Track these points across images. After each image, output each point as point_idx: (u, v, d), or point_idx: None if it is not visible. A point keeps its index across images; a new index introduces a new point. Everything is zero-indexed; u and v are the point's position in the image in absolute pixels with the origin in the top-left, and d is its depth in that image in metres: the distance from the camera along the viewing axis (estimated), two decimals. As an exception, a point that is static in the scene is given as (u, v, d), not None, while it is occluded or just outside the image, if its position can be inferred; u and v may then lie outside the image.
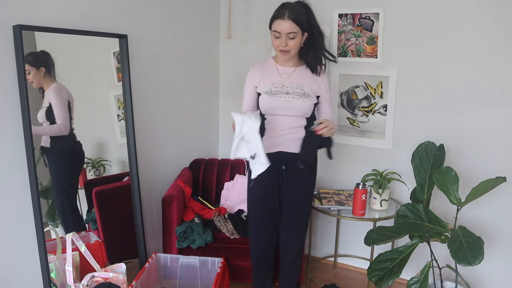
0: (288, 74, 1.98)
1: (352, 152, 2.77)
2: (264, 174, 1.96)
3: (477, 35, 2.29)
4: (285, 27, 1.83)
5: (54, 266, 1.96)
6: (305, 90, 1.96)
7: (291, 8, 1.84)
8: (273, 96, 1.95)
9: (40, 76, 1.93)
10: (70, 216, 2.15)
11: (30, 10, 1.81)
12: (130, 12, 2.33)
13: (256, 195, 2.08)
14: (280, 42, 1.86)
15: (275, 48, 1.92)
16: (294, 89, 1.95)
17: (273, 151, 1.97)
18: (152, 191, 2.63)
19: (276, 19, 1.86)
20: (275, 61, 2.02)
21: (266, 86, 1.97)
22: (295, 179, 2.03)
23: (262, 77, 2.00)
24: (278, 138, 1.97)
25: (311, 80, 1.99)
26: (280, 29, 1.84)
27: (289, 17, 1.82)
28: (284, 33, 1.84)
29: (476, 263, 1.72)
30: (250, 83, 2.04)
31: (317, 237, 2.98)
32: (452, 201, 1.99)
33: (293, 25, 1.83)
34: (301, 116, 1.97)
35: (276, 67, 2.01)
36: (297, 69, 2.00)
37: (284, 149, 1.98)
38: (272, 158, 1.94)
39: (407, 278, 2.25)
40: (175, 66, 2.73)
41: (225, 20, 3.07)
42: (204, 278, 2.28)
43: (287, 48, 1.87)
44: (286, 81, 1.97)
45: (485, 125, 2.35)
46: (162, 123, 2.68)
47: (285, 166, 2.00)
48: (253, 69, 2.04)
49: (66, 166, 2.12)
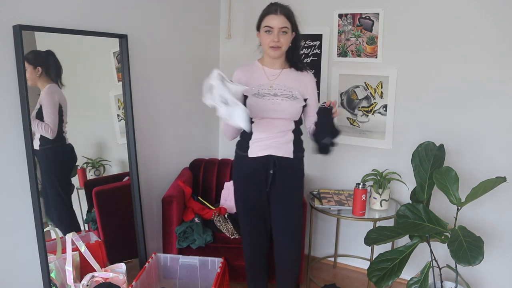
0: (275, 76, 1.95)
1: (352, 152, 2.77)
2: (250, 179, 1.95)
3: (477, 35, 2.29)
4: (278, 22, 1.82)
5: (54, 266, 1.96)
6: (293, 92, 1.93)
7: (281, 6, 1.86)
8: (261, 98, 1.91)
9: (35, 76, 1.92)
10: (66, 218, 2.14)
11: (30, 10, 1.81)
12: (130, 12, 2.33)
13: (243, 203, 2.04)
14: (272, 38, 1.84)
15: (266, 45, 1.88)
16: (282, 91, 1.92)
17: (261, 155, 1.93)
18: (152, 191, 2.63)
19: (268, 15, 1.85)
20: (261, 64, 1.99)
21: (254, 89, 1.93)
22: (283, 184, 1.97)
23: (249, 80, 1.96)
24: (266, 142, 1.93)
25: (298, 82, 1.96)
26: (273, 24, 1.83)
27: (281, 12, 1.83)
28: (277, 27, 1.83)
29: (476, 263, 1.72)
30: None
31: (317, 237, 2.98)
32: (452, 201, 1.99)
33: (285, 20, 1.83)
34: (290, 119, 1.93)
35: (263, 69, 1.97)
36: (284, 71, 1.97)
37: (272, 153, 1.93)
38: (261, 162, 1.93)
39: (407, 278, 2.24)
40: (175, 66, 2.73)
41: (225, 20, 3.07)
42: (204, 278, 2.28)
43: (279, 44, 1.85)
44: (274, 83, 1.94)
45: (485, 125, 2.35)
46: (162, 123, 2.68)
47: (273, 170, 1.94)
48: (238, 71, 2.00)
49: (56, 169, 2.08)
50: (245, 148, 1.98)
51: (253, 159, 1.95)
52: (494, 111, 2.31)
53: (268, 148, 1.93)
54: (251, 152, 1.95)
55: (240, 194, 2.06)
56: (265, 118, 1.92)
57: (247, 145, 1.97)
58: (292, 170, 1.98)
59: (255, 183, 1.98)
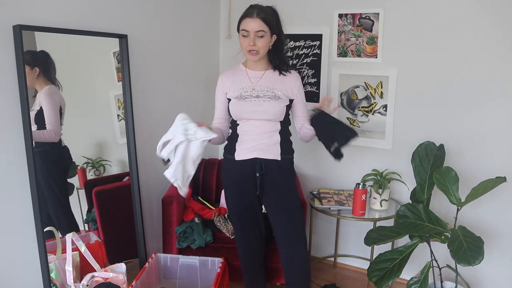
0: (258, 78, 1.94)
1: (352, 152, 2.77)
2: (240, 182, 1.94)
3: (477, 35, 2.29)
4: (254, 26, 1.80)
5: (54, 266, 1.96)
6: (276, 92, 1.91)
7: (260, 8, 1.83)
8: (243, 100, 1.90)
9: (33, 76, 1.90)
10: (64, 220, 2.13)
11: (30, 10, 1.81)
12: (130, 12, 2.33)
13: (234, 206, 2.03)
14: (248, 42, 1.82)
15: (244, 49, 1.87)
16: (264, 92, 1.90)
17: (247, 158, 1.92)
18: (152, 191, 2.63)
19: (245, 18, 1.83)
20: (245, 66, 1.98)
21: (236, 91, 1.92)
22: (274, 186, 1.95)
23: (232, 83, 1.95)
24: (252, 144, 1.91)
25: (282, 83, 1.94)
26: (249, 28, 1.81)
27: (257, 15, 1.80)
28: (253, 31, 1.81)
29: (476, 263, 1.72)
30: (220, 91, 1.99)
31: (317, 237, 2.98)
32: (452, 201, 1.99)
33: (262, 24, 1.80)
34: (275, 120, 1.91)
35: (246, 72, 1.96)
36: (266, 72, 1.95)
37: (259, 156, 1.91)
38: (248, 165, 1.92)
39: (407, 278, 2.24)
40: (175, 66, 2.73)
41: (225, 20, 3.07)
42: (204, 278, 2.28)
43: (256, 48, 1.83)
44: (256, 85, 1.92)
45: (485, 125, 2.35)
46: (162, 123, 2.67)
47: (259, 173, 1.91)
48: (222, 76, 2.00)
49: (53, 171, 2.06)
50: (231, 151, 1.96)
51: (240, 162, 1.93)
52: (494, 111, 2.31)
53: (254, 151, 1.91)
54: (237, 155, 1.94)
55: (230, 197, 2.04)
56: (250, 120, 1.91)
57: (234, 147, 1.96)
58: (280, 172, 1.94)
59: (244, 186, 1.96)
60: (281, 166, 1.93)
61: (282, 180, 1.95)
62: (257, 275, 2.19)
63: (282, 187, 1.96)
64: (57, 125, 1.99)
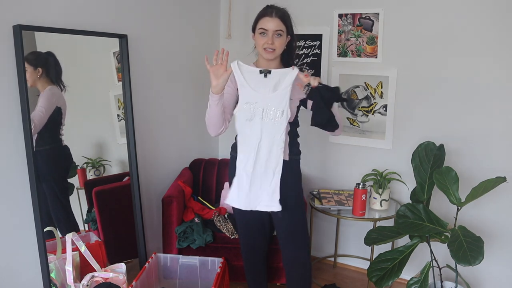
0: None
1: (352, 152, 2.77)
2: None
3: (477, 35, 2.29)
4: (273, 25, 1.82)
5: (54, 266, 1.96)
6: None
7: (277, 8, 1.85)
8: None
9: (35, 76, 1.90)
10: (64, 220, 2.13)
11: (30, 10, 1.81)
12: (130, 12, 2.33)
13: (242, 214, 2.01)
14: (266, 40, 1.84)
15: (260, 46, 1.87)
16: None
17: None
18: (152, 191, 2.63)
19: (263, 17, 1.84)
20: (256, 66, 1.97)
21: None
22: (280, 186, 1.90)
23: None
24: None
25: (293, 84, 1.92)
26: (268, 27, 1.82)
27: (276, 15, 1.82)
28: (272, 30, 1.82)
29: (476, 263, 1.72)
30: (231, 83, 1.98)
31: (317, 237, 2.98)
32: (452, 201, 1.99)
33: (280, 23, 1.82)
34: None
35: None
36: None
37: None
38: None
39: (407, 278, 2.24)
40: (175, 66, 2.73)
41: (225, 20, 3.07)
42: (204, 278, 2.28)
43: (273, 47, 1.84)
44: None
45: (485, 125, 2.35)
46: (162, 123, 2.68)
47: None
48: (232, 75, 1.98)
49: (53, 171, 2.06)
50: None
51: None
52: (494, 111, 2.31)
53: None
54: None
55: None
56: None
57: None
58: (287, 172, 1.92)
59: None
60: (288, 166, 1.93)
61: (289, 180, 1.95)
62: (260, 274, 2.19)
63: (288, 187, 1.95)
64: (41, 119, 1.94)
